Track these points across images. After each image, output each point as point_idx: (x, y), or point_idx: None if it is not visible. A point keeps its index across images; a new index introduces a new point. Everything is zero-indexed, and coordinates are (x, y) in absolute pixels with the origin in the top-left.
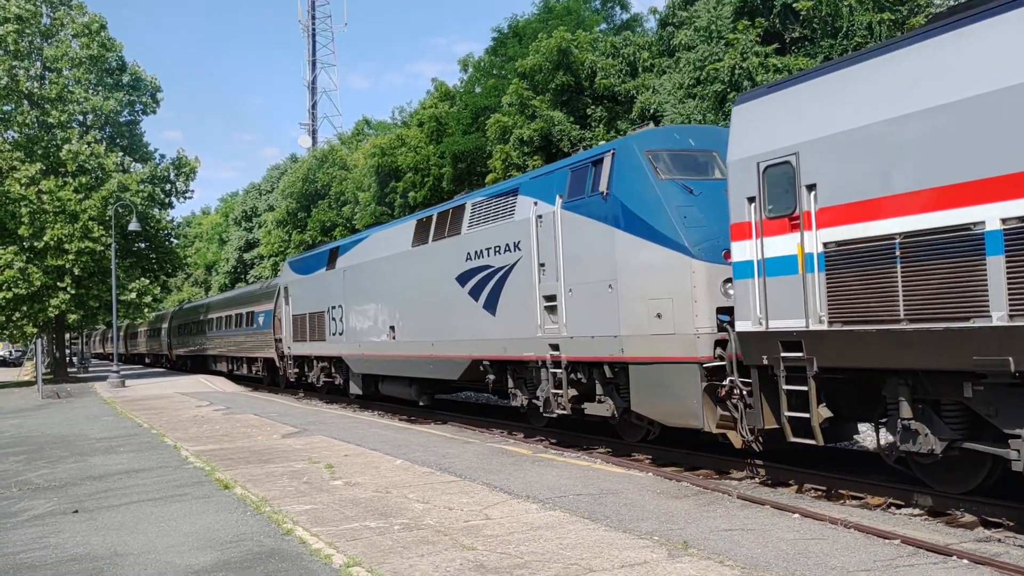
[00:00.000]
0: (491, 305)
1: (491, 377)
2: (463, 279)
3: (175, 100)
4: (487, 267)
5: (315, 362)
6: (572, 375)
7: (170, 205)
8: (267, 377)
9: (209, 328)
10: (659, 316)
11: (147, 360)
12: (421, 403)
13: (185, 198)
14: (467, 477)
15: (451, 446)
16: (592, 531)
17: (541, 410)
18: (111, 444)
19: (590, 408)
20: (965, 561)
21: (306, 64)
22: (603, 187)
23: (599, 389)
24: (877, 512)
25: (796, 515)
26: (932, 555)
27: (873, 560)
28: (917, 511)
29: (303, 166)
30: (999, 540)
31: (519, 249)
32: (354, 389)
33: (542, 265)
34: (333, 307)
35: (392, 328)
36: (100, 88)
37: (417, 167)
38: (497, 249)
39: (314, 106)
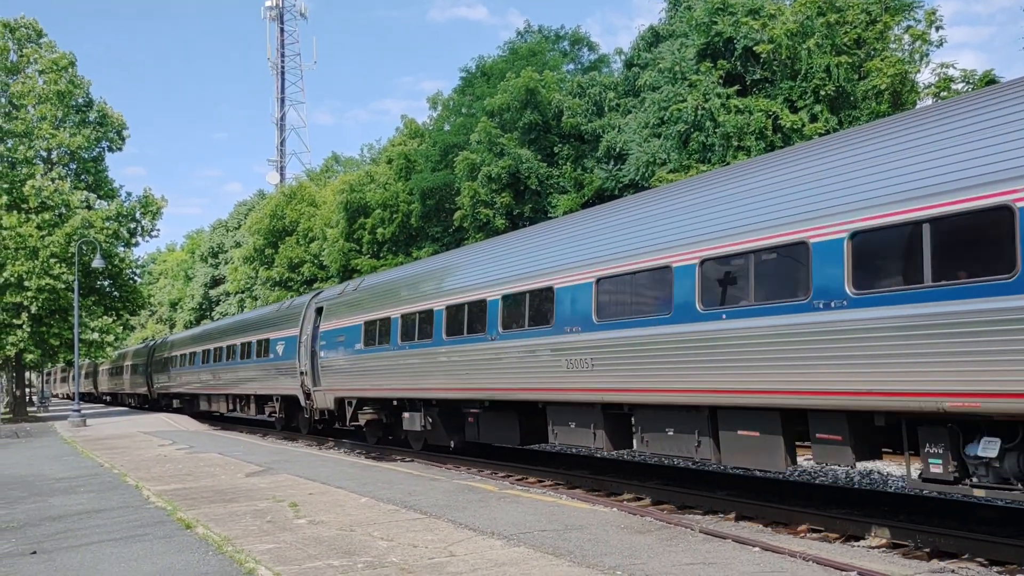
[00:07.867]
0: None
1: None
2: None
3: (139, 136)
4: None
5: None
6: None
7: (135, 244)
8: None
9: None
10: None
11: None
12: None
13: (151, 237)
14: (432, 514)
15: (417, 483)
16: (556, 566)
17: None
18: (71, 484)
19: None
20: None
21: (275, 101)
22: None
23: None
24: (836, 544)
25: (757, 548)
26: None
27: None
28: (876, 543)
29: (271, 202)
30: (952, 571)
31: None
32: None
33: None
34: None
35: None
36: (66, 124)
37: (386, 204)
38: None
39: (283, 143)
